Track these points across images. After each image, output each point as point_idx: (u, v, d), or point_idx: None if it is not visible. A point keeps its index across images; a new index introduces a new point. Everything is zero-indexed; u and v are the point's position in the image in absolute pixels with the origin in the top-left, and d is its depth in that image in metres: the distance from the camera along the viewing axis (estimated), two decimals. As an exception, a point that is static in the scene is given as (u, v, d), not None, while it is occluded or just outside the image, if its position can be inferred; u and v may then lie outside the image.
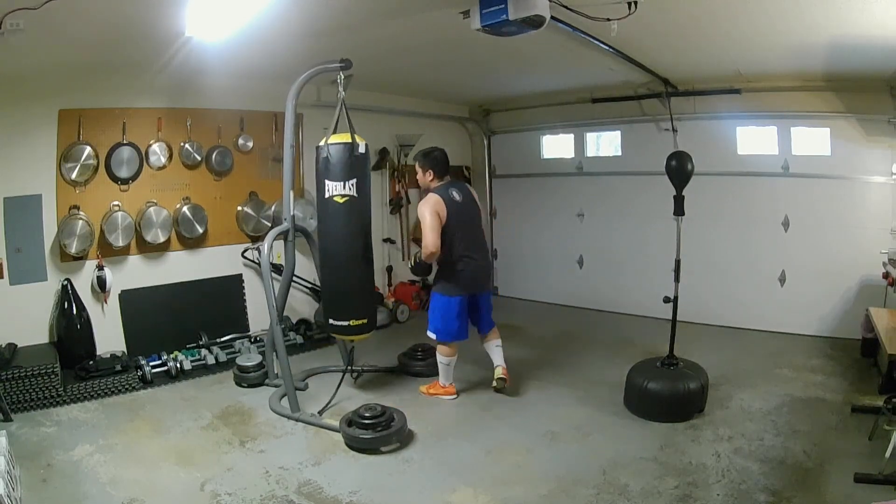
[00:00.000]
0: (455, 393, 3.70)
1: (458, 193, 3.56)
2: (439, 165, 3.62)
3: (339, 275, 3.52)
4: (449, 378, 3.69)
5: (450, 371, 3.68)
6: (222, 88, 4.53)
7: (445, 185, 3.57)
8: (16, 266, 3.83)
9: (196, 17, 2.84)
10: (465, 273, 3.52)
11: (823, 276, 4.76)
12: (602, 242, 5.95)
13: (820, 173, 4.73)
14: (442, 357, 3.64)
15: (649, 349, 4.24)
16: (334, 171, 3.39)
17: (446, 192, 3.51)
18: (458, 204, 3.52)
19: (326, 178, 3.40)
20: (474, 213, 3.66)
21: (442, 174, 3.62)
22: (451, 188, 3.56)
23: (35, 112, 3.83)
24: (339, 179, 3.39)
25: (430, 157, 3.62)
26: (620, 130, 5.79)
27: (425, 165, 3.61)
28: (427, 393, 3.73)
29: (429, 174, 3.60)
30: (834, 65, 4.07)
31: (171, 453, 2.98)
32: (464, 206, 3.55)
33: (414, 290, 5.92)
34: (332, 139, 3.39)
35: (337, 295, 3.56)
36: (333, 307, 3.56)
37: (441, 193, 3.49)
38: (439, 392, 3.70)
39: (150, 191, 4.33)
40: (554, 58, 4.19)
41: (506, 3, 2.51)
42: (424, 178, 3.63)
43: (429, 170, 3.60)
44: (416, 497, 2.61)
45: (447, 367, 3.66)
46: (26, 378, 3.44)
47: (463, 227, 3.52)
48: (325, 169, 3.39)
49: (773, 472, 2.70)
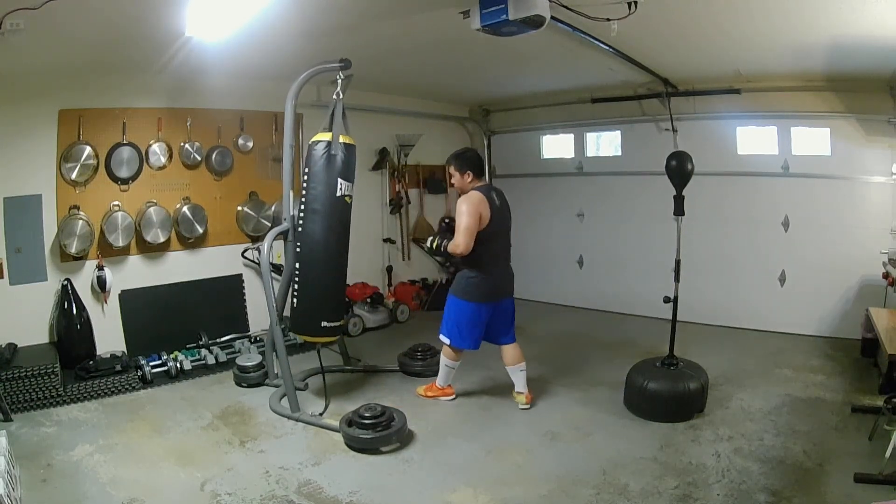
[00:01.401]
0: (454, 394, 3.65)
1: (498, 198, 3.40)
2: (478, 165, 3.42)
3: (337, 273, 3.53)
4: (448, 380, 3.62)
5: (451, 374, 3.60)
6: (222, 88, 4.53)
7: (487, 187, 3.38)
8: (16, 266, 3.83)
9: (196, 17, 2.84)
10: (490, 281, 3.36)
11: (823, 276, 4.76)
12: (602, 242, 5.96)
13: (820, 173, 4.74)
14: (447, 360, 3.54)
15: (649, 349, 4.24)
16: (345, 170, 3.44)
17: (489, 193, 3.33)
18: (498, 208, 3.35)
19: (340, 178, 3.42)
20: (509, 219, 3.48)
21: (481, 174, 3.42)
22: (491, 191, 3.38)
23: (35, 112, 3.83)
24: (349, 179, 3.47)
25: (465, 158, 3.41)
26: (620, 130, 5.80)
27: (462, 167, 3.38)
28: (425, 395, 3.66)
29: (467, 175, 3.37)
30: (834, 65, 4.07)
31: (171, 453, 2.98)
32: (503, 211, 3.40)
33: (414, 290, 5.92)
34: (341, 139, 3.41)
35: (337, 293, 3.56)
36: (328, 308, 3.49)
37: (485, 193, 3.31)
38: (437, 394, 3.64)
39: (150, 191, 4.33)
40: (554, 58, 4.19)
41: (506, 3, 2.52)
42: (463, 181, 3.38)
43: (467, 171, 3.37)
44: (416, 497, 2.61)
45: (450, 371, 3.58)
46: (26, 378, 3.44)
47: (499, 232, 3.36)
48: (341, 167, 3.42)
49: (773, 472, 2.70)
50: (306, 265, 3.47)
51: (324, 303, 3.49)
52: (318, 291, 3.48)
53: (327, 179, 3.41)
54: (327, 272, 3.49)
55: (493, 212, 3.28)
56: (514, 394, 3.54)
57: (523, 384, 3.51)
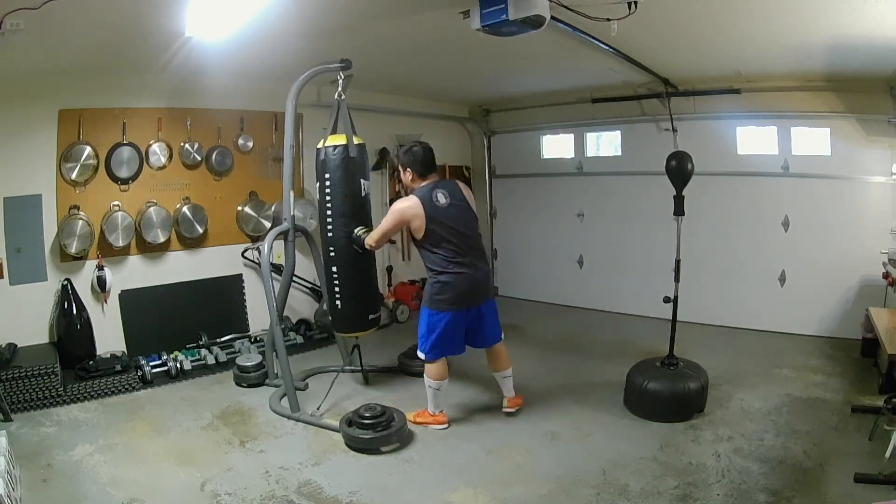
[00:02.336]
0: (446, 422, 3.26)
1: (445, 195, 3.10)
2: (419, 163, 3.15)
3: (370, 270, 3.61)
4: (439, 405, 3.27)
5: (439, 397, 3.25)
6: (222, 88, 4.53)
7: (429, 187, 3.11)
8: (16, 266, 3.83)
9: (196, 17, 2.84)
10: (457, 285, 3.06)
11: (823, 276, 4.76)
12: (602, 242, 5.95)
13: (820, 173, 4.73)
14: (430, 381, 3.19)
15: (649, 349, 4.24)
16: (364, 170, 3.54)
17: (429, 194, 3.06)
18: (443, 209, 3.07)
19: (362, 178, 3.50)
20: (467, 216, 3.17)
21: (424, 173, 3.16)
22: (435, 190, 3.10)
23: (35, 112, 3.83)
24: (367, 178, 3.57)
25: (409, 154, 3.17)
26: (620, 130, 5.79)
27: (406, 162, 3.17)
28: (414, 421, 3.26)
29: (408, 173, 3.17)
30: (834, 65, 4.06)
31: (171, 453, 2.98)
32: (452, 210, 3.10)
33: (414, 289, 5.92)
34: (335, 140, 3.41)
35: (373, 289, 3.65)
36: (369, 302, 3.59)
37: (422, 196, 3.06)
38: (428, 421, 3.25)
39: (150, 191, 4.33)
40: (554, 58, 4.19)
41: (506, 3, 2.51)
42: (405, 178, 3.21)
43: (408, 168, 3.16)
44: (416, 497, 2.61)
45: (436, 393, 3.22)
46: (26, 378, 3.44)
47: (452, 233, 3.07)
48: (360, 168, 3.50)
49: (773, 472, 2.70)
50: (343, 268, 3.45)
51: (366, 297, 3.58)
52: (360, 289, 3.54)
53: (350, 182, 3.42)
54: (364, 269, 3.55)
55: (431, 215, 3.02)
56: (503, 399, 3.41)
57: (508, 389, 3.38)
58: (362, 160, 3.51)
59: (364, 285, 3.55)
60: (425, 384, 3.24)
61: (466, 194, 3.24)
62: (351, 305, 3.52)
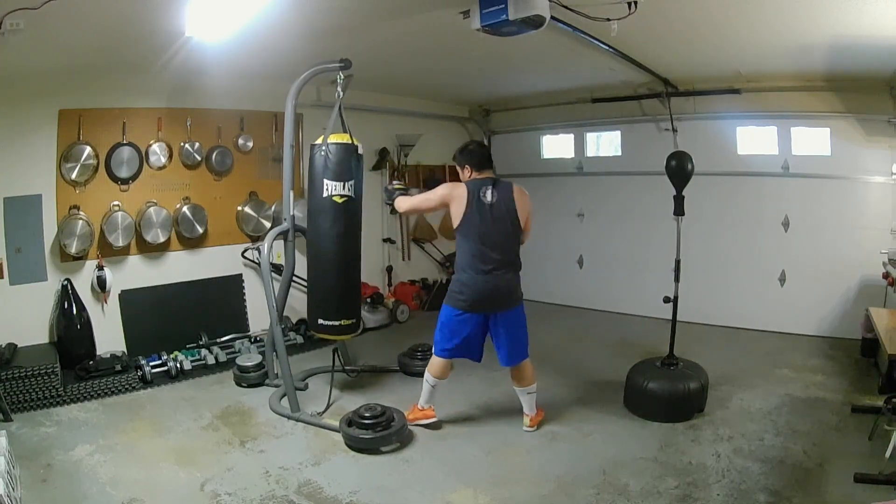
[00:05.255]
0: (434, 416, 3.25)
1: (493, 194, 3.03)
2: (475, 158, 3.13)
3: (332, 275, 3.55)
4: (430, 401, 3.25)
5: (434, 394, 3.23)
6: (222, 88, 4.53)
7: (481, 181, 3.07)
8: (16, 266, 3.83)
9: (196, 17, 2.84)
10: (473, 287, 3.01)
11: (823, 276, 4.76)
12: (602, 242, 5.95)
13: (820, 173, 4.74)
14: (429, 375, 3.19)
15: (649, 349, 4.24)
16: (337, 170, 3.43)
17: (477, 188, 3.03)
18: (486, 205, 3.00)
19: (325, 178, 3.42)
20: (506, 222, 3.06)
21: (480, 167, 3.12)
22: (486, 185, 3.04)
23: (35, 112, 3.83)
24: (339, 179, 3.43)
25: (465, 152, 3.15)
26: (620, 130, 5.79)
27: (461, 161, 3.14)
28: (408, 420, 3.22)
29: (466, 170, 3.13)
30: (834, 65, 4.07)
31: (171, 453, 2.98)
32: (493, 210, 3.02)
33: (414, 289, 5.93)
34: (331, 138, 3.41)
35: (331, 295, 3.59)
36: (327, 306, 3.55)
37: (470, 186, 3.04)
38: (418, 416, 3.24)
39: (150, 191, 4.33)
40: (554, 58, 4.19)
41: (506, 3, 2.52)
42: (464, 176, 3.15)
43: (465, 165, 3.13)
44: (416, 497, 2.61)
45: (431, 389, 3.21)
46: (26, 378, 3.44)
47: (484, 232, 3.01)
48: (325, 168, 3.41)
49: (773, 472, 2.70)
50: (309, 266, 3.64)
51: (322, 302, 3.59)
52: (318, 291, 3.59)
53: (315, 180, 3.47)
54: (323, 273, 3.56)
55: (470, 204, 2.99)
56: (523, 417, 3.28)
57: (529, 406, 3.24)
58: (341, 159, 3.40)
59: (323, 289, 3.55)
60: (424, 378, 3.25)
61: (519, 202, 3.13)
62: (309, 302, 3.65)
